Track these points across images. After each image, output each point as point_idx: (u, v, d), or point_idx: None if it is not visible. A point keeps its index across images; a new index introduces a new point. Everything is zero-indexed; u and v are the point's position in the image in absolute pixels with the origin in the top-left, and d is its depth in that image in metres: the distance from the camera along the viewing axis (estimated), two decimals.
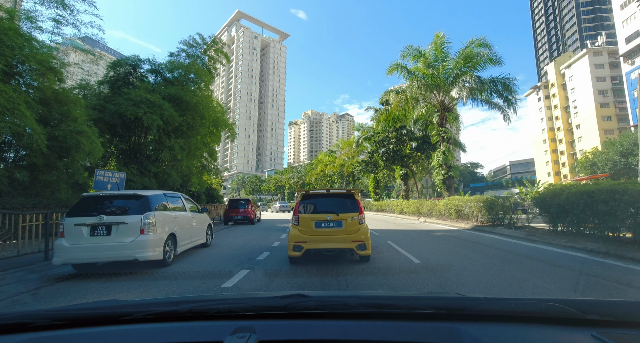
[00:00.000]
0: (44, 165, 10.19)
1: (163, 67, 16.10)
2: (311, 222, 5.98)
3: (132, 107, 13.44)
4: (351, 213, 5.97)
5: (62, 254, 5.09)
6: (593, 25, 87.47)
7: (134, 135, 15.62)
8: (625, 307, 1.20)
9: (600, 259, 5.87)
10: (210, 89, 18.23)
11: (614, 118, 59.94)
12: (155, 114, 14.03)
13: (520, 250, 7.12)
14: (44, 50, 9.59)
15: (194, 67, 16.73)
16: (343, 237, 5.85)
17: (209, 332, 1.05)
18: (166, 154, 15.45)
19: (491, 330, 1.01)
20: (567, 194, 7.30)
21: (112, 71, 15.42)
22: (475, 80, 14.01)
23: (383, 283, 4.74)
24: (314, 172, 47.30)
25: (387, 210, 26.55)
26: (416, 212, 19.82)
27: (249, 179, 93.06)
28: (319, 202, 6.30)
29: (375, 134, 23.23)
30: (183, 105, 15.93)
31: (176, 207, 6.85)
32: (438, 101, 16.26)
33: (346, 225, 5.91)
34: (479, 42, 14.68)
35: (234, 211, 17.60)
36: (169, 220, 6.15)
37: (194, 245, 7.59)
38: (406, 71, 16.35)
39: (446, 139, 16.10)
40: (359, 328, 1.06)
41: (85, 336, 1.08)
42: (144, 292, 4.42)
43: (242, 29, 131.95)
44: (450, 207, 14.43)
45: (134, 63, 15.57)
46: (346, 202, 6.16)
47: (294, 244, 5.88)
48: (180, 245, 6.62)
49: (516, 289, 4.18)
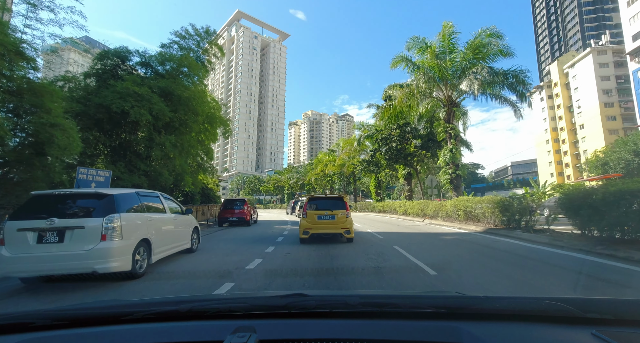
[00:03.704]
0: (15, 161, 9.28)
1: (154, 60, 15.17)
2: (314, 216, 8.75)
3: (118, 100, 12.54)
4: (341, 210, 8.79)
5: (0, 266, 4.15)
6: (595, 24, 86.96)
7: (122, 131, 14.70)
8: (624, 305, 1.20)
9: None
10: (205, 84, 17.31)
11: (619, 118, 59.01)
12: (144, 108, 13.13)
13: (550, 259, 6.16)
14: (13, 34, 8.69)
15: (187, 60, 15.80)
16: (335, 225, 8.70)
17: (210, 331, 1.04)
18: (157, 151, 14.51)
19: (491, 329, 1.01)
20: (602, 194, 6.35)
21: (99, 63, 14.49)
22: (487, 71, 13.03)
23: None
24: (313, 172, 46.26)
25: (389, 211, 25.62)
26: (420, 214, 18.88)
27: (248, 179, 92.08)
28: (320, 202, 9.11)
29: (377, 131, 22.23)
30: (174, 100, 15.02)
31: (153, 208, 5.92)
32: (445, 96, 15.31)
33: (337, 218, 8.71)
34: (489, 32, 13.71)
35: (229, 212, 16.66)
36: (141, 224, 5.22)
37: (176, 250, 6.66)
38: (411, 64, 15.38)
39: (453, 135, 15.15)
40: (359, 328, 1.05)
41: (85, 336, 1.08)
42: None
43: (242, 29, 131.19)
44: (459, 208, 13.49)
45: (122, 54, 14.64)
46: (338, 203, 9.00)
47: (304, 230, 8.73)
48: (157, 253, 5.69)
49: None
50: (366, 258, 6.66)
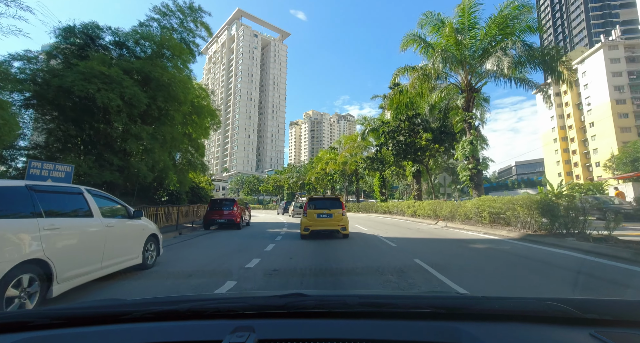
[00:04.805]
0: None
1: (129, 38, 13.21)
2: (314, 214, 9.63)
3: (81, 82, 10.60)
4: (338, 209, 9.69)
5: None
6: (602, 21, 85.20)
7: (95, 121, 12.73)
8: (623, 306, 1.19)
9: None
10: (190, 69, 15.37)
11: (631, 115, 56.79)
12: (114, 91, 11.21)
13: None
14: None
15: (169, 41, 13.86)
16: (333, 222, 9.54)
17: (208, 331, 1.04)
18: (132, 143, 12.55)
19: (490, 329, 1.01)
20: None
21: (64, 41, 12.51)
22: (521, 46, 10.94)
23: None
24: (313, 171, 44.02)
25: (395, 213, 23.56)
26: (432, 215, 16.84)
27: (247, 179, 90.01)
28: (319, 202, 10.06)
29: (384, 124, 20.05)
30: (153, 85, 13.07)
31: (62, 212, 3.94)
32: (463, 80, 13.25)
33: (335, 216, 9.56)
34: (517, 2, 11.68)
35: (217, 213, 14.66)
36: (25, 237, 3.24)
37: (112, 271, 4.68)
38: (425, 44, 13.35)
39: (473, 125, 13.10)
40: (358, 327, 1.05)
41: (84, 335, 1.08)
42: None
43: (243, 28, 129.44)
44: (482, 209, 11.46)
45: (91, 32, 12.66)
46: (335, 203, 9.92)
47: (304, 227, 9.57)
48: (68, 279, 3.70)
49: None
50: (382, 280, 4.68)
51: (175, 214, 14.14)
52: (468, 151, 12.76)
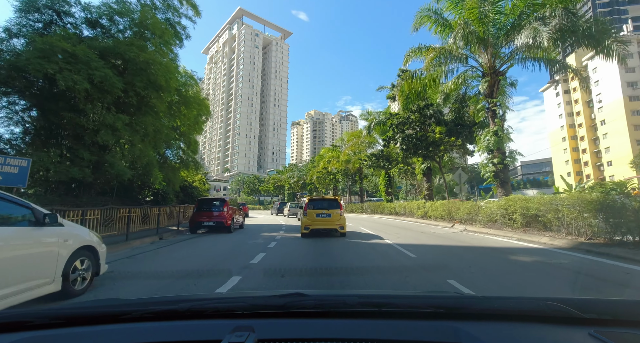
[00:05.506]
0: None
1: (102, 15, 11.54)
2: (314, 214, 10.37)
3: (38, 60, 8.95)
4: (336, 209, 10.45)
5: None
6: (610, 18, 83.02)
7: (56, 107, 11.07)
8: (623, 305, 1.18)
9: None
10: (175, 53, 13.72)
11: None
12: (79, 73, 9.58)
13: None
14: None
15: (150, 19, 12.21)
16: (331, 222, 10.27)
17: (208, 330, 1.03)
18: (106, 135, 10.89)
19: (489, 329, 1.00)
20: None
21: (25, 17, 10.82)
22: (563, 14, 9.07)
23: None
24: (315, 170, 42.15)
25: (403, 214, 21.76)
26: (446, 217, 15.07)
27: (248, 179, 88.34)
28: (318, 203, 10.87)
29: (392, 116, 18.22)
30: (130, 68, 11.44)
31: None
32: (486, 61, 11.47)
33: (333, 215, 10.31)
34: None
35: (205, 215, 12.95)
36: None
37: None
38: (442, 22, 11.59)
39: (498, 114, 11.33)
40: (357, 327, 1.04)
41: (83, 335, 1.07)
42: None
43: (244, 27, 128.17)
44: (513, 211, 9.66)
45: (57, 5, 10.96)
46: (333, 203, 10.71)
47: (305, 226, 10.31)
48: None
49: None
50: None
51: (155, 216, 12.45)
52: (492, 143, 10.96)
